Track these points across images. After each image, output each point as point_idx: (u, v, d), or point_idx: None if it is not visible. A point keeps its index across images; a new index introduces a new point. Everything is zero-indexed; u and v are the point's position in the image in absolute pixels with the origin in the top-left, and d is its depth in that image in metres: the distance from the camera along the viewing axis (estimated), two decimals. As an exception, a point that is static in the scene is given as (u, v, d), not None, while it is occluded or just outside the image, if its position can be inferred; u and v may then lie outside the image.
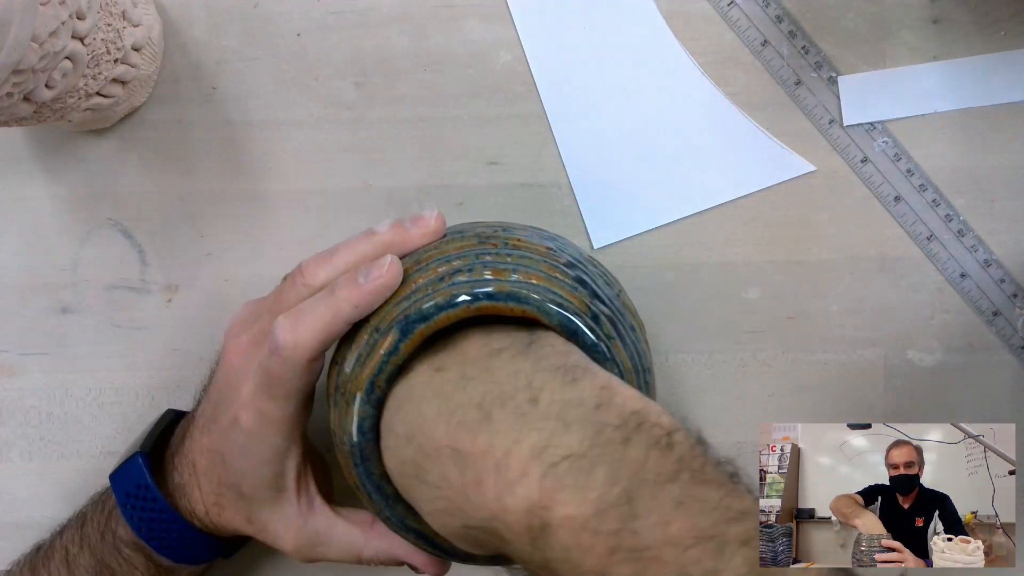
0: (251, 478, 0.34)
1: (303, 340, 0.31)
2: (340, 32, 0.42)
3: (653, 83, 0.42)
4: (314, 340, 0.31)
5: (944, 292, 0.42)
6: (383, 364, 0.30)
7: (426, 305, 0.30)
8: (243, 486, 0.34)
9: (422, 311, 0.30)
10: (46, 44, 0.31)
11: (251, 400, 0.32)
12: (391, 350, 0.30)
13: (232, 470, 0.34)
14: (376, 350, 0.30)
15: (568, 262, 0.33)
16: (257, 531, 0.35)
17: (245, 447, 0.33)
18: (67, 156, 0.42)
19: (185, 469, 0.35)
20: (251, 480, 0.34)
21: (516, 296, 0.30)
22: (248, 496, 0.34)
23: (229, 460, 0.34)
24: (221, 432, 0.34)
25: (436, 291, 0.30)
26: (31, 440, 0.43)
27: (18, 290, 0.43)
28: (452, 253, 0.32)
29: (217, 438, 0.34)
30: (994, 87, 0.41)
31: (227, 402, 0.33)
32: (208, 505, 0.35)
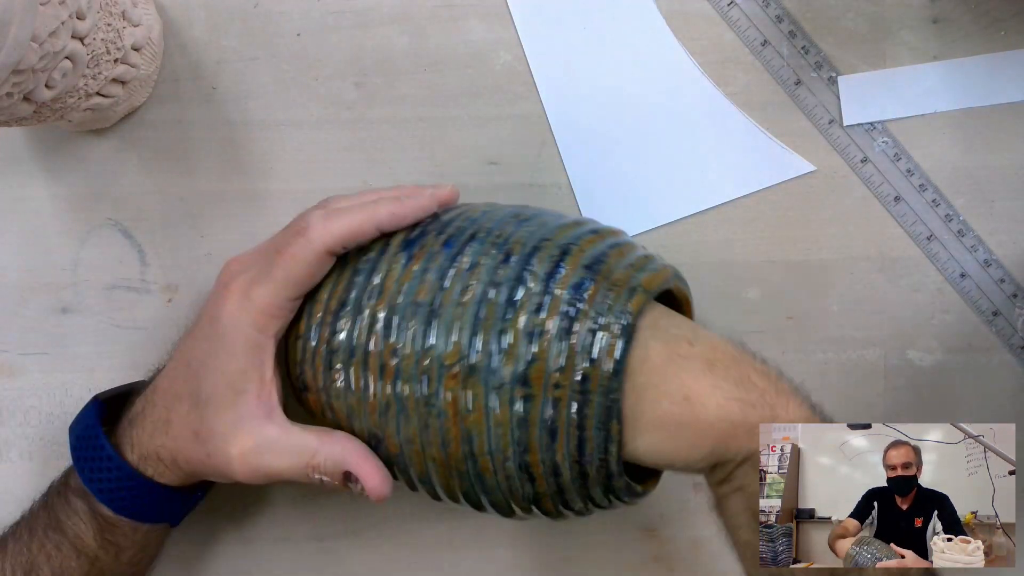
0: (213, 377, 0.33)
1: (332, 229, 0.32)
2: (340, 32, 0.42)
3: (653, 83, 0.42)
4: (342, 232, 0.32)
5: (944, 292, 0.42)
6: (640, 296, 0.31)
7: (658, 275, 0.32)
8: (202, 389, 0.33)
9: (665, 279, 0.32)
10: (46, 44, 0.31)
11: (242, 286, 0.33)
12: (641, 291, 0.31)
13: (193, 374, 0.33)
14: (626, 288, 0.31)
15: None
16: (203, 444, 0.33)
17: (218, 341, 0.33)
18: (67, 156, 0.42)
19: (140, 401, 0.35)
20: (212, 379, 0.33)
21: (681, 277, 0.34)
22: (204, 400, 0.33)
23: (194, 364, 0.33)
24: (192, 339, 0.34)
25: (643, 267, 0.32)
26: (31, 440, 0.43)
27: (18, 290, 0.43)
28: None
29: (186, 347, 0.34)
30: (994, 87, 0.41)
31: (209, 304, 0.34)
32: (155, 427, 0.34)
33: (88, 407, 0.36)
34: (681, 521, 0.43)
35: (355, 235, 0.32)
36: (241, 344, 0.32)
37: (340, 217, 0.32)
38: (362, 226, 0.32)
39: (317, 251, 0.32)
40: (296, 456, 0.33)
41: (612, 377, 0.29)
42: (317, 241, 0.32)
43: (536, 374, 0.30)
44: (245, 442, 0.33)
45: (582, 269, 0.31)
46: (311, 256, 0.32)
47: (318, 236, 0.32)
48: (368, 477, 0.32)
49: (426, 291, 0.31)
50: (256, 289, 0.32)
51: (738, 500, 0.31)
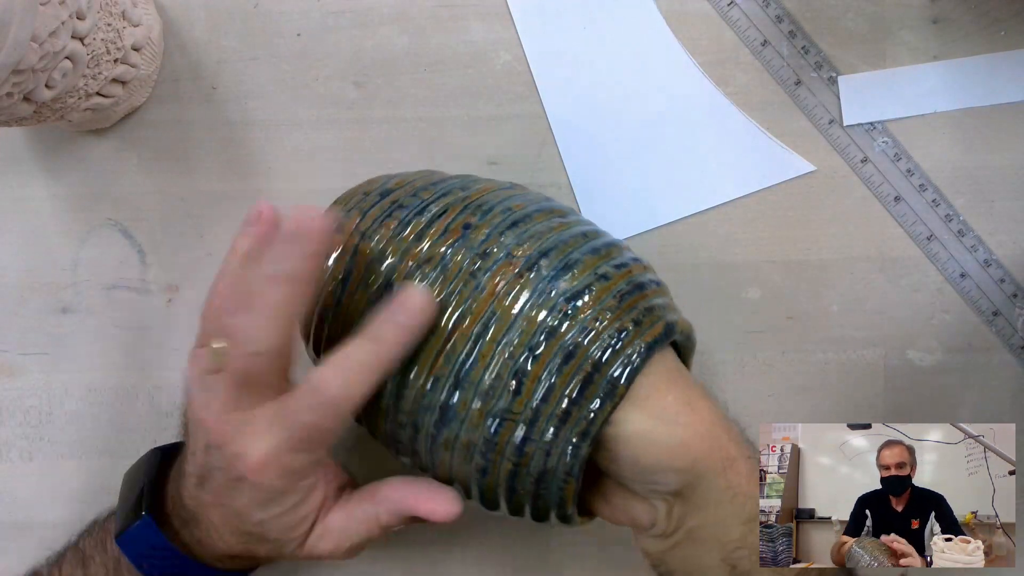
0: (273, 524, 0.32)
1: (354, 392, 0.30)
2: (340, 32, 0.42)
3: (653, 83, 0.42)
4: (367, 389, 0.30)
5: (944, 292, 0.42)
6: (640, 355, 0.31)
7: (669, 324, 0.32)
8: (266, 533, 0.33)
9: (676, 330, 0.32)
10: (46, 44, 0.31)
11: (274, 460, 0.30)
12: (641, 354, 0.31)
13: (248, 522, 0.32)
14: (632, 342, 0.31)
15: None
16: (296, 557, 0.34)
17: (265, 502, 0.32)
18: (67, 156, 0.42)
19: (200, 524, 0.34)
20: (273, 526, 0.32)
21: (689, 335, 0.34)
22: (274, 539, 0.33)
23: (243, 514, 0.32)
24: (225, 491, 0.32)
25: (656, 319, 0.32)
26: (31, 440, 0.43)
27: (18, 290, 0.43)
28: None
29: (222, 497, 0.32)
30: (994, 87, 0.41)
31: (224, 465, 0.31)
32: (239, 550, 0.34)
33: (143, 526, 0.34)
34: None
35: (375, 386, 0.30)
36: (294, 501, 0.32)
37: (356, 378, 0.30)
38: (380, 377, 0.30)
39: (347, 416, 0.31)
40: (367, 530, 0.34)
41: (648, 348, 0.30)
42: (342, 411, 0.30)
43: (588, 302, 0.30)
44: (328, 544, 0.34)
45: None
46: (343, 422, 0.31)
47: (343, 405, 0.30)
48: (433, 513, 0.32)
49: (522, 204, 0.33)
50: (292, 458, 0.31)
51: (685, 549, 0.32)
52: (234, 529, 0.33)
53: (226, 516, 0.33)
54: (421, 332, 0.30)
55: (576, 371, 0.29)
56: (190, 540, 0.34)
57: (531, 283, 0.30)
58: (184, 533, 0.34)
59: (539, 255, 0.31)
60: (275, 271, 0.30)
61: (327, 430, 0.30)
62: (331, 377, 0.30)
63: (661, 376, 0.31)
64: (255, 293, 0.30)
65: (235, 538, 0.33)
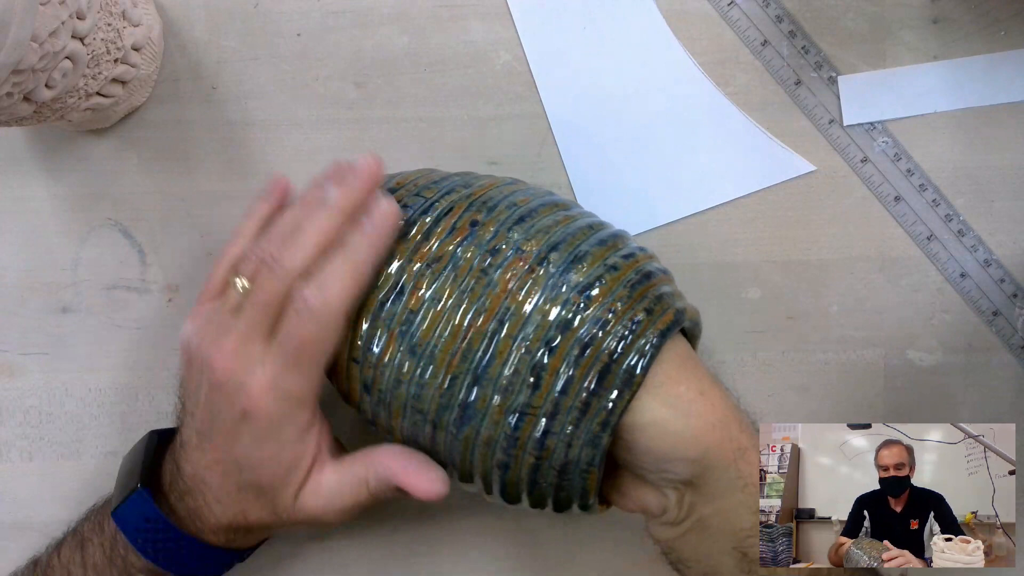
0: (270, 466, 0.33)
1: (335, 297, 0.31)
2: (340, 32, 0.42)
3: (653, 83, 0.42)
4: (347, 294, 0.31)
5: (944, 292, 0.42)
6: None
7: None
8: (263, 478, 0.33)
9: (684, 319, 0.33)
10: (46, 44, 0.31)
11: (271, 385, 0.31)
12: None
13: (248, 468, 0.33)
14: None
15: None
16: (287, 520, 0.34)
17: (264, 436, 0.32)
18: (67, 156, 0.42)
19: (195, 493, 0.34)
20: (271, 468, 0.33)
21: (697, 321, 0.34)
22: (269, 486, 0.33)
23: (243, 460, 0.33)
24: (227, 436, 0.33)
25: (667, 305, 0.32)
26: (31, 440, 0.43)
27: (18, 290, 0.43)
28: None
29: (223, 445, 0.33)
30: (994, 87, 0.41)
31: (226, 407, 0.32)
32: (232, 517, 0.34)
33: (137, 498, 0.34)
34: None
35: (357, 292, 0.32)
36: (291, 435, 0.33)
37: (334, 287, 0.31)
38: (357, 283, 0.31)
39: (334, 325, 0.31)
40: (356, 492, 0.34)
41: (661, 336, 0.30)
42: (328, 319, 0.31)
43: (600, 293, 0.30)
44: (318, 500, 0.34)
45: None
46: (332, 331, 0.31)
47: (326, 312, 0.31)
48: (415, 487, 0.33)
49: (527, 199, 0.33)
50: (289, 380, 0.32)
51: (695, 536, 0.32)
52: (230, 487, 0.33)
53: (225, 471, 0.33)
54: (389, 238, 0.32)
55: (593, 362, 0.30)
56: (185, 513, 0.34)
57: (543, 278, 0.31)
58: (179, 506, 0.34)
59: (548, 249, 0.31)
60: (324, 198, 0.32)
61: (316, 342, 0.31)
62: (311, 293, 0.31)
63: (674, 364, 0.31)
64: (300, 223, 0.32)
65: (230, 499, 0.34)
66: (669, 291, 0.33)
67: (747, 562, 0.31)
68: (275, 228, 0.33)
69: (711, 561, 0.32)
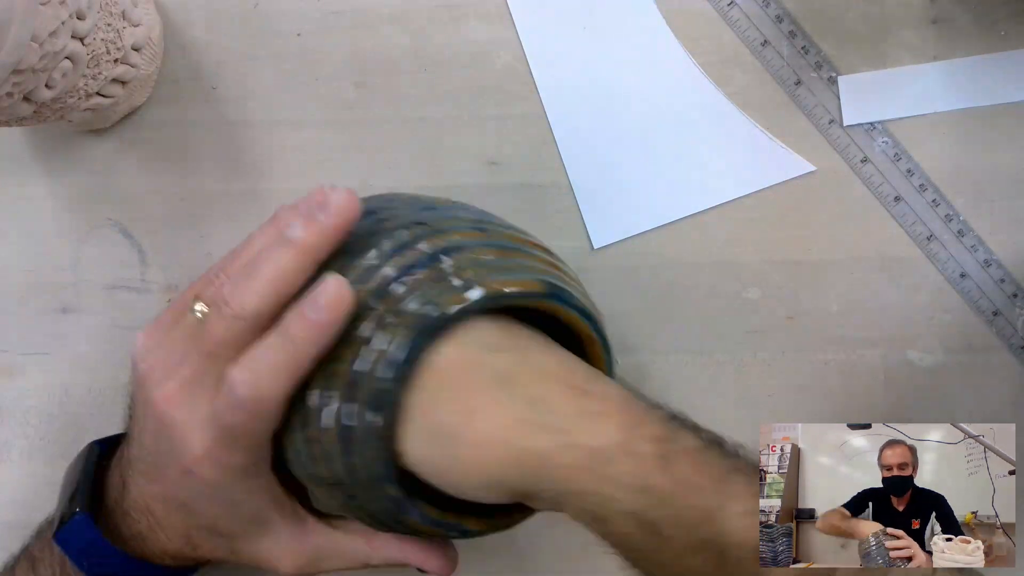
0: (226, 520, 0.31)
1: (268, 394, 0.28)
2: (340, 32, 0.42)
3: (653, 83, 0.42)
4: (280, 391, 0.28)
5: (944, 292, 0.42)
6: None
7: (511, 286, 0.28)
8: (218, 527, 0.32)
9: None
10: (46, 44, 0.31)
11: (209, 453, 0.29)
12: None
13: (199, 515, 0.31)
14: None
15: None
16: (246, 560, 0.33)
17: (211, 496, 0.30)
18: (67, 156, 0.42)
19: (141, 517, 0.33)
20: (226, 522, 0.31)
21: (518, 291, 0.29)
22: (227, 534, 0.32)
23: (193, 507, 0.31)
24: (173, 482, 0.31)
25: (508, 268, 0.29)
26: (31, 440, 0.43)
27: (18, 290, 0.43)
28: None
29: (171, 487, 0.31)
30: (994, 87, 0.41)
31: (170, 453, 0.30)
32: (179, 546, 0.33)
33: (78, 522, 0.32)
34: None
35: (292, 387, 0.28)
36: (242, 497, 0.31)
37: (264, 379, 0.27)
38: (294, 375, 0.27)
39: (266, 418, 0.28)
40: (351, 559, 0.33)
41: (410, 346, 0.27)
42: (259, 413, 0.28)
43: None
44: (296, 560, 0.33)
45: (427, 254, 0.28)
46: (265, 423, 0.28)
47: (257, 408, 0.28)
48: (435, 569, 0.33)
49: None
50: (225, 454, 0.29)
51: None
52: (178, 523, 0.32)
53: (170, 508, 0.32)
54: (335, 328, 0.27)
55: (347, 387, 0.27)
56: (130, 534, 0.33)
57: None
58: (123, 526, 0.33)
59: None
60: (287, 235, 0.28)
61: (249, 431, 0.29)
62: (240, 380, 0.28)
63: (436, 379, 0.27)
64: (258, 259, 0.29)
65: (178, 534, 0.32)
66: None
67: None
68: (241, 254, 0.31)
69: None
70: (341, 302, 0.27)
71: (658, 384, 0.42)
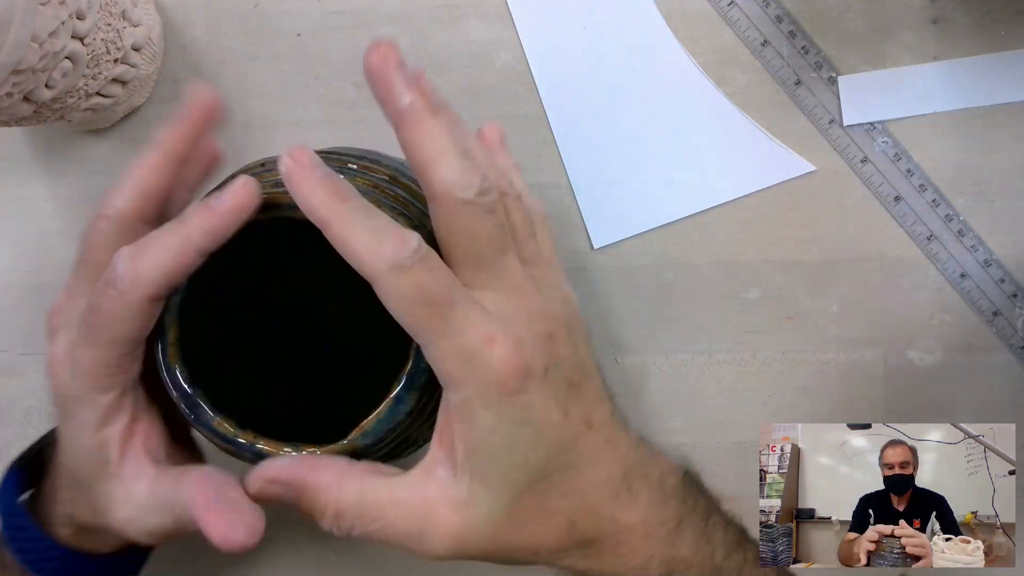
0: (75, 454, 0.29)
1: (145, 272, 0.26)
2: (340, 32, 0.42)
3: (653, 83, 0.42)
4: (159, 272, 0.26)
5: (944, 292, 0.42)
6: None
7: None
8: (72, 465, 0.29)
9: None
10: (46, 44, 0.31)
11: (65, 350, 0.28)
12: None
13: (61, 449, 0.29)
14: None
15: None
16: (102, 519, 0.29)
17: (63, 417, 0.29)
18: (67, 156, 0.42)
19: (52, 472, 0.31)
20: (76, 456, 0.29)
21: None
22: (79, 477, 0.29)
23: (61, 441, 0.29)
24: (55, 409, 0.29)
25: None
26: (31, 440, 0.43)
27: (18, 290, 0.43)
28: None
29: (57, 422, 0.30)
30: (994, 87, 0.41)
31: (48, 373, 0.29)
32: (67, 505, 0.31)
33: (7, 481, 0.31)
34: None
35: (175, 273, 0.27)
36: (86, 416, 0.28)
37: (149, 254, 0.26)
38: (178, 260, 0.26)
39: (135, 303, 0.26)
40: (161, 515, 0.28)
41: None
42: (128, 294, 0.26)
43: None
44: (125, 510, 0.28)
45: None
46: (130, 312, 0.26)
47: (129, 288, 0.26)
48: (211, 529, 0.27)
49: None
50: (82, 353, 0.27)
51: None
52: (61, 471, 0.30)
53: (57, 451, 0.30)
54: (233, 219, 0.27)
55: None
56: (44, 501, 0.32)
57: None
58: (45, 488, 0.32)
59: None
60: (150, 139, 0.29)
61: (112, 318, 0.27)
62: (122, 254, 0.27)
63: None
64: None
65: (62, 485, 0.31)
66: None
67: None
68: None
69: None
70: (245, 194, 0.27)
71: (658, 384, 0.42)
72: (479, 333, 0.26)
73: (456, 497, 0.27)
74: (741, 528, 0.31)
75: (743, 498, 0.40)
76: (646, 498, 0.29)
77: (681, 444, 0.42)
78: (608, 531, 0.28)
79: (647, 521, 0.28)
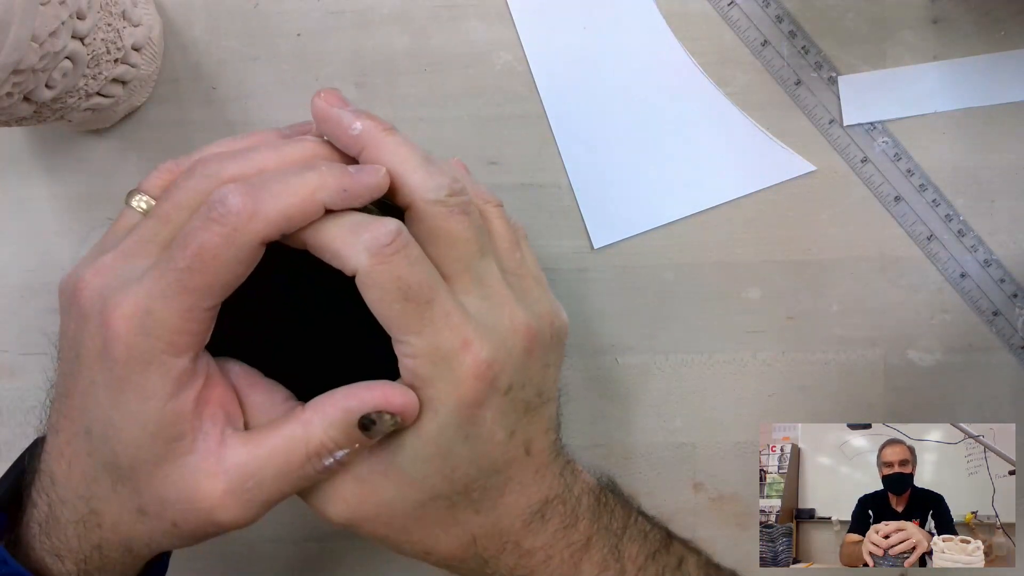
0: (128, 433, 0.24)
1: (266, 209, 0.23)
2: (340, 32, 0.42)
3: (653, 83, 0.42)
4: (280, 215, 0.23)
5: (944, 292, 0.42)
6: None
7: None
8: (119, 455, 0.24)
9: None
10: (46, 44, 0.31)
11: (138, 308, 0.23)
12: None
13: (100, 435, 0.24)
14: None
15: None
16: (158, 519, 0.25)
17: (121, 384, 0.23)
18: (67, 156, 0.42)
19: (42, 498, 0.26)
20: (128, 437, 0.24)
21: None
22: (128, 469, 0.24)
23: (96, 428, 0.24)
24: (81, 395, 0.25)
25: None
26: (31, 440, 0.43)
27: (18, 290, 0.43)
28: None
29: (77, 409, 0.25)
30: (994, 87, 0.41)
31: (87, 341, 0.24)
32: (83, 527, 0.25)
33: None
34: (680, 520, 0.43)
35: (295, 219, 0.23)
36: (156, 379, 0.24)
37: (272, 191, 0.23)
38: (303, 208, 0.23)
39: (245, 246, 0.23)
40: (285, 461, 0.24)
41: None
42: (244, 233, 0.23)
43: None
44: (214, 489, 0.24)
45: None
46: (238, 253, 0.23)
47: (245, 224, 0.23)
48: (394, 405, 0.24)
49: None
50: (160, 305, 0.23)
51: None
52: (78, 475, 0.25)
53: (75, 450, 0.25)
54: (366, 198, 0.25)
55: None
56: (32, 538, 0.27)
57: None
58: (30, 515, 0.27)
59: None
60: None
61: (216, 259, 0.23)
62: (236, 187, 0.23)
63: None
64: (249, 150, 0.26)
65: (77, 493, 0.25)
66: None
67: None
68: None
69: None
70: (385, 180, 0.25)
71: (658, 384, 0.42)
72: (456, 336, 0.24)
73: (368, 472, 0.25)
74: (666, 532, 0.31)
75: (743, 498, 0.40)
76: (556, 524, 0.28)
77: (681, 444, 0.42)
78: (508, 552, 0.28)
79: (550, 545, 0.28)
